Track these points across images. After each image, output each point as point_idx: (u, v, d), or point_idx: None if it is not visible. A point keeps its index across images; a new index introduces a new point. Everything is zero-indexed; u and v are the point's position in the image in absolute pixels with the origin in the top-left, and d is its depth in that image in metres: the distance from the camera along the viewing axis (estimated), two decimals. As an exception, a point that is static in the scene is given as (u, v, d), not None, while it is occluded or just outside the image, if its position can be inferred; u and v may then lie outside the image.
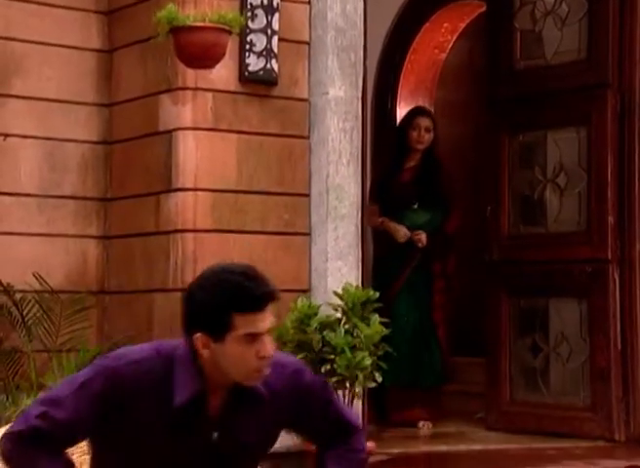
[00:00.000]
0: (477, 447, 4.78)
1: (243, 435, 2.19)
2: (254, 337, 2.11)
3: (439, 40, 6.57)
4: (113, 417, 2.12)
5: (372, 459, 4.21)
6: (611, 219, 5.05)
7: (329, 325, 4.12)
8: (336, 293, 4.23)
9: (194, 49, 3.84)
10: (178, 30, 3.91)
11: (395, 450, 4.67)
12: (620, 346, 5.02)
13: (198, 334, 2.13)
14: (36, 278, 4.26)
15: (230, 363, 2.12)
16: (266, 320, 2.13)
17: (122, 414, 2.11)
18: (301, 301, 4.19)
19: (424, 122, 5.42)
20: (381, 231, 5.40)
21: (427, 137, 5.39)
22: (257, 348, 2.12)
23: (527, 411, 5.20)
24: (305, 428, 2.34)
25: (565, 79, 5.19)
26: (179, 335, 4.39)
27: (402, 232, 5.31)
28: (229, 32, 3.94)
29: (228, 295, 2.10)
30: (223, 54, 3.85)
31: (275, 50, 4.38)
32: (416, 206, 5.37)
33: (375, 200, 5.32)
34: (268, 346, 2.13)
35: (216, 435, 2.16)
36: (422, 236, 5.28)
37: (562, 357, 5.21)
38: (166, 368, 2.14)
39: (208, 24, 3.88)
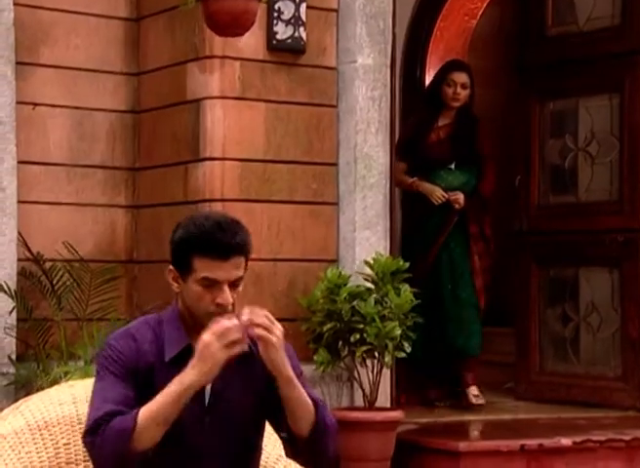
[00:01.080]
0: (506, 416, 4.78)
1: (236, 386, 2.23)
2: (211, 283, 2.21)
3: (469, 7, 6.48)
4: (136, 383, 2.20)
5: (400, 429, 4.23)
6: (643, 188, 4.99)
7: (359, 294, 4.12)
8: (366, 263, 4.21)
9: (224, 17, 3.81)
10: (206, -2, 3.87)
11: (424, 420, 4.68)
12: (651, 316, 4.98)
13: (170, 267, 2.28)
14: (66, 247, 4.28)
15: (191, 302, 2.24)
16: (228, 270, 2.21)
17: (140, 380, 2.20)
18: (332, 271, 4.19)
19: (461, 77, 5.04)
20: (412, 193, 5.10)
21: (464, 94, 5.04)
22: (214, 294, 2.21)
23: (556, 381, 5.19)
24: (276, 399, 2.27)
25: (598, 45, 5.12)
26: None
27: (438, 193, 4.98)
28: (259, 0, 3.91)
29: (192, 237, 2.23)
30: (253, 22, 3.82)
31: (303, 17, 4.34)
32: (452, 166, 5.05)
33: (402, 159, 5.01)
34: (226, 294, 2.20)
35: (208, 390, 2.20)
36: (460, 196, 4.97)
37: (592, 327, 5.19)
38: (155, 330, 2.25)
39: (238, -9, 3.83)
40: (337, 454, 2.30)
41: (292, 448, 2.26)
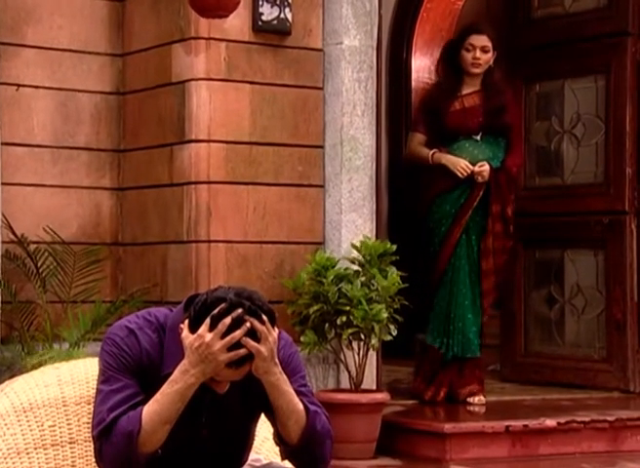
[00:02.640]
0: (492, 398, 4.79)
1: (235, 394, 2.17)
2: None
3: (456, -12, 6.48)
4: (140, 382, 2.14)
5: (386, 410, 4.24)
6: (629, 171, 5.01)
7: (345, 277, 4.11)
8: (353, 246, 4.21)
9: (208, -1, 3.78)
10: (190, -21, 3.84)
11: (410, 402, 4.69)
12: (636, 298, 5.02)
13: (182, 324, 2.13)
14: (46, 231, 4.26)
15: None
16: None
17: (143, 380, 2.14)
18: (319, 254, 4.18)
19: (480, 40, 4.55)
20: (428, 168, 4.62)
21: (485, 59, 4.55)
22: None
23: (542, 363, 5.21)
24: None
25: (584, 27, 5.11)
26: (191, 287, 4.39)
27: (463, 163, 4.49)
28: (244, -19, 3.88)
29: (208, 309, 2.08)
30: (237, 3, 3.80)
31: (289, -2, 4.32)
32: (478, 137, 4.57)
33: (421, 130, 4.64)
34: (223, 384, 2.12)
35: (206, 397, 2.15)
36: (486, 168, 4.49)
37: (577, 309, 5.21)
38: (159, 334, 2.16)
39: (222, -27, 3.81)
40: (328, 460, 2.24)
41: (282, 452, 2.23)
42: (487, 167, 4.51)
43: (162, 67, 4.37)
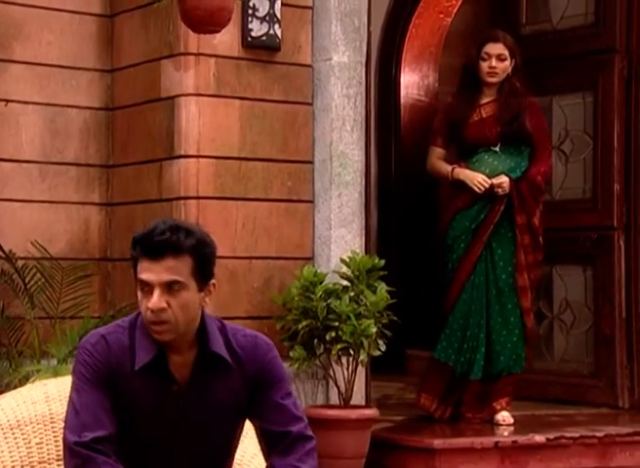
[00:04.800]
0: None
1: (211, 398, 2.18)
2: (145, 286, 2.12)
3: (444, 4, 6.51)
4: (110, 390, 2.15)
5: (375, 426, 4.23)
6: (617, 186, 5.03)
7: (334, 292, 4.11)
8: (342, 261, 4.21)
9: (200, 13, 3.78)
10: (182, -6, 3.85)
11: (398, 418, 4.68)
12: (624, 313, 5.02)
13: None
14: (35, 246, 4.24)
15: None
16: (159, 272, 2.11)
17: (113, 387, 2.15)
18: (308, 269, 4.18)
19: (496, 48, 4.44)
20: (451, 183, 4.49)
21: (501, 67, 4.43)
22: (148, 299, 2.13)
23: (531, 378, 5.21)
24: (258, 411, 2.24)
25: (571, 44, 5.15)
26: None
27: (480, 178, 4.35)
28: (235, -4, 3.89)
29: (134, 239, 2.16)
30: (229, 18, 3.80)
31: (278, 15, 4.33)
32: (497, 148, 4.43)
33: (441, 145, 4.54)
34: (153, 299, 2.11)
35: (181, 399, 2.16)
36: (505, 181, 4.34)
37: (566, 324, 5.22)
38: (130, 334, 2.18)
39: (214, -12, 3.82)
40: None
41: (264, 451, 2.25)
42: (505, 179, 4.36)
43: (151, 83, 4.38)
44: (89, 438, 2.09)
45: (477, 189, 4.37)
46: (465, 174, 4.42)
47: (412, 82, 6.62)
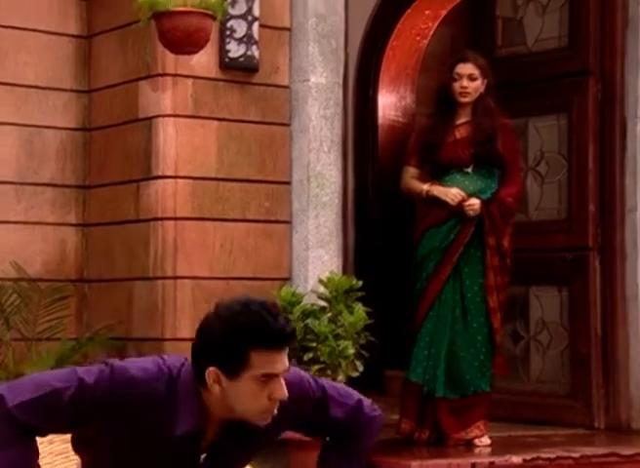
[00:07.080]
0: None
1: (228, 459, 2.17)
2: (269, 378, 2.04)
3: (420, 27, 6.55)
4: (109, 421, 2.07)
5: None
6: (592, 207, 5.06)
7: (312, 313, 4.11)
8: (320, 281, 4.21)
9: (178, 34, 3.80)
10: (160, 16, 3.86)
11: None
12: (600, 333, 5.04)
13: (211, 369, 2.05)
14: (13, 267, 4.22)
15: (241, 401, 2.04)
16: (284, 360, 2.05)
17: (118, 420, 2.06)
18: (285, 289, 4.18)
19: (466, 69, 4.46)
20: (424, 200, 4.52)
21: (473, 87, 4.45)
22: (270, 389, 2.04)
23: (507, 399, 5.21)
24: (308, 430, 2.30)
25: (546, 66, 5.19)
26: (157, 324, 4.34)
27: (454, 190, 4.38)
28: (213, 18, 3.91)
29: (249, 330, 2.01)
30: (207, 39, 3.82)
31: (256, 36, 4.35)
32: (469, 169, 4.46)
33: (418, 164, 4.54)
34: (282, 390, 2.04)
35: (202, 459, 2.14)
36: (475, 202, 4.38)
37: (542, 344, 5.23)
38: (169, 390, 2.07)
39: (192, 9, 3.83)
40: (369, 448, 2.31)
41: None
42: (476, 201, 4.40)
43: (128, 104, 4.37)
44: (25, 410, 1.99)
45: (451, 201, 4.40)
46: (439, 189, 4.45)
47: (389, 103, 6.65)
